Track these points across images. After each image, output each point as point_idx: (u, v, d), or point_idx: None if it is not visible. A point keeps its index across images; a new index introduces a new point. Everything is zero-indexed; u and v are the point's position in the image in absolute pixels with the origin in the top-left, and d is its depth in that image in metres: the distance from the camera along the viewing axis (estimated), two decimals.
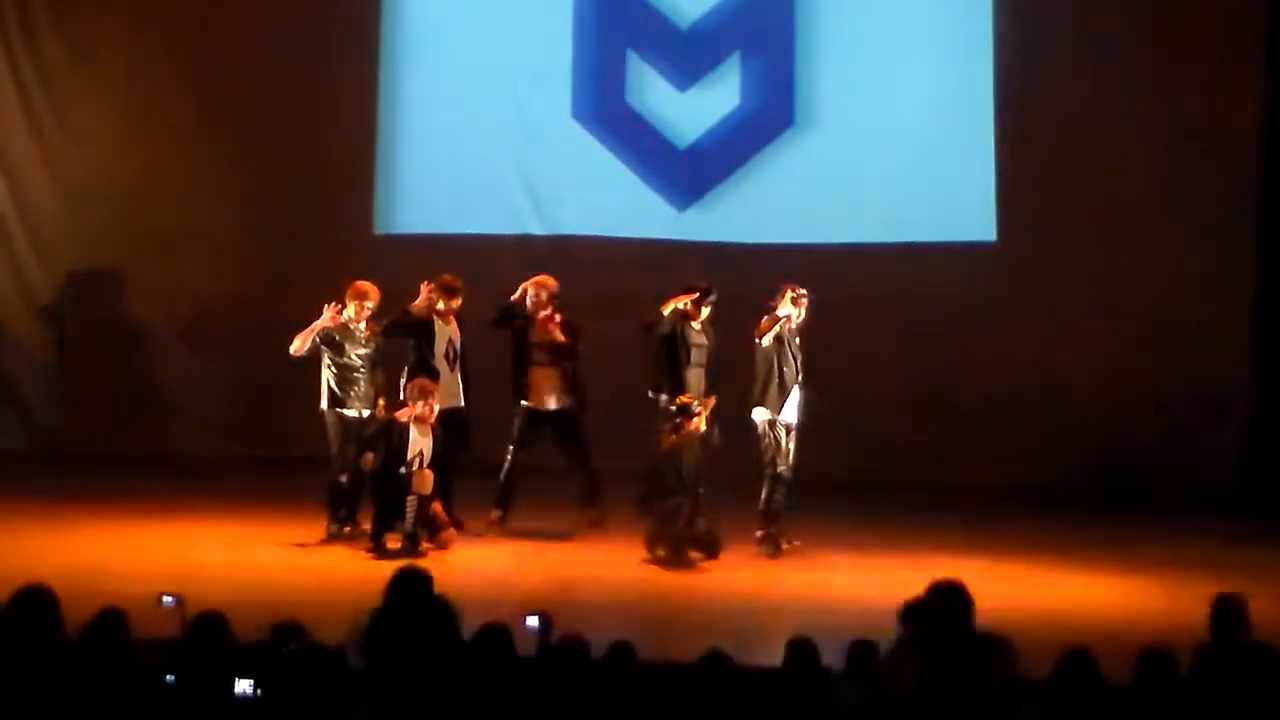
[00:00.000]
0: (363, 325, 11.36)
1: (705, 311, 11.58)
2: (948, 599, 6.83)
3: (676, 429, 11.09)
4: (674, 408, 11.15)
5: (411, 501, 10.80)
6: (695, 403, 11.15)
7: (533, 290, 11.67)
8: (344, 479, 11.28)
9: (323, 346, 11.31)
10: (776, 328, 11.05)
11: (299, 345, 11.30)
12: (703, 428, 11.12)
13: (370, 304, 11.38)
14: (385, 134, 14.59)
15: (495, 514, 11.70)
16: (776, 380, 11.11)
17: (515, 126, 14.48)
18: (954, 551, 11.16)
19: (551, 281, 11.69)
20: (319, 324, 11.27)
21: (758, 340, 11.09)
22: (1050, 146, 14.09)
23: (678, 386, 11.36)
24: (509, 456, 11.69)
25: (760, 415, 11.16)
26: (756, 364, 11.16)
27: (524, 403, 11.66)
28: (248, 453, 13.77)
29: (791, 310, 11.13)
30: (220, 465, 13.72)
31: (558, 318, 11.58)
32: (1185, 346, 13.94)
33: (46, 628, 6.09)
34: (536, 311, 11.61)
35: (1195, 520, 12.69)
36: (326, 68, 14.49)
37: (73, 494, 12.50)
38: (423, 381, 11.16)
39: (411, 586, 6.78)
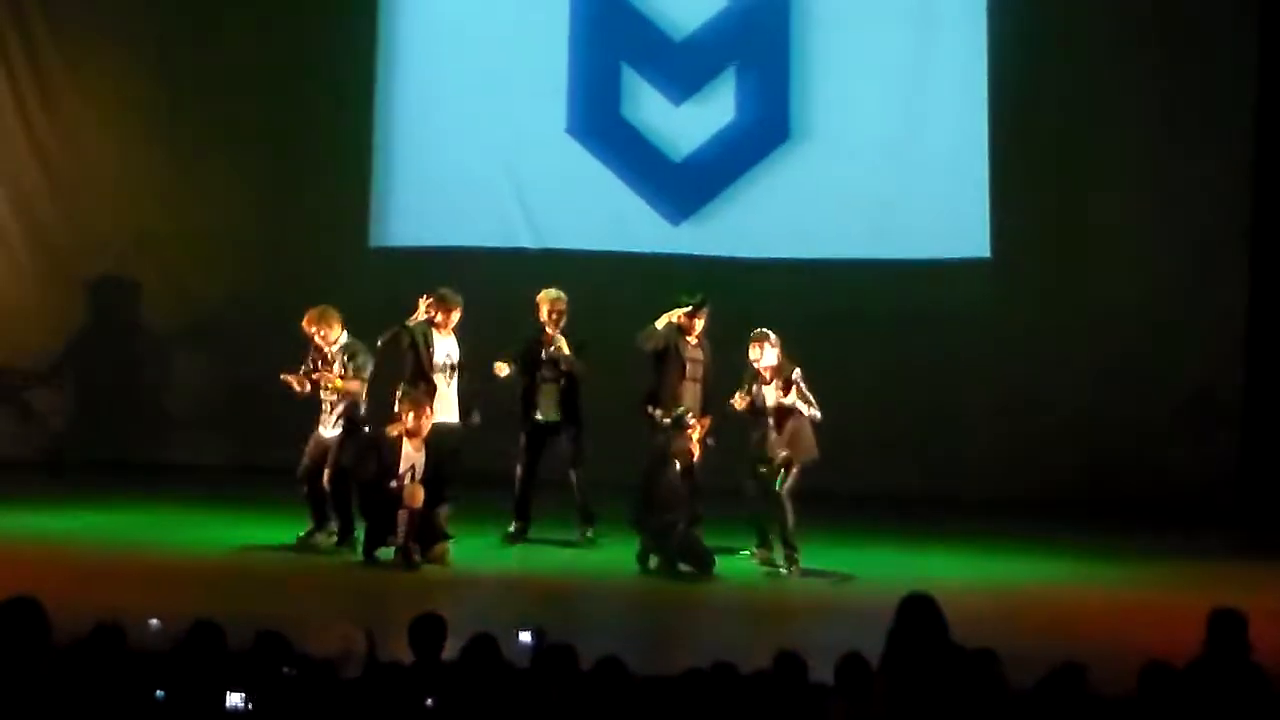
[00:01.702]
0: (335, 348, 11.32)
1: (700, 324, 11.59)
2: (916, 613, 6.82)
3: (670, 441, 11.09)
4: (668, 420, 11.16)
5: (403, 515, 10.79)
6: (689, 414, 11.15)
7: (547, 306, 11.68)
8: (305, 488, 11.30)
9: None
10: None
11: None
12: (696, 439, 11.11)
13: (328, 329, 11.32)
14: (381, 148, 14.58)
15: (515, 526, 11.74)
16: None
17: (510, 140, 14.47)
18: (948, 563, 11.18)
19: (563, 297, 11.71)
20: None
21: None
22: (1044, 162, 14.09)
23: (673, 402, 11.38)
24: (519, 470, 11.72)
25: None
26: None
27: (529, 417, 11.68)
28: (243, 461, 13.75)
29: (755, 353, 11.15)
30: (216, 473, 13.70)
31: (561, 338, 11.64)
32: (1179, 358, 13.93)
33: (33, 640, 6.06)
34: (551, 327, 11.63)
35: (1189, 531, 12.69)
36: (322, 81, 14.49)
37: (69, 501, 12.52)
38: (416, 395, 11.17)
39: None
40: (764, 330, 11.22)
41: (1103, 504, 13.49)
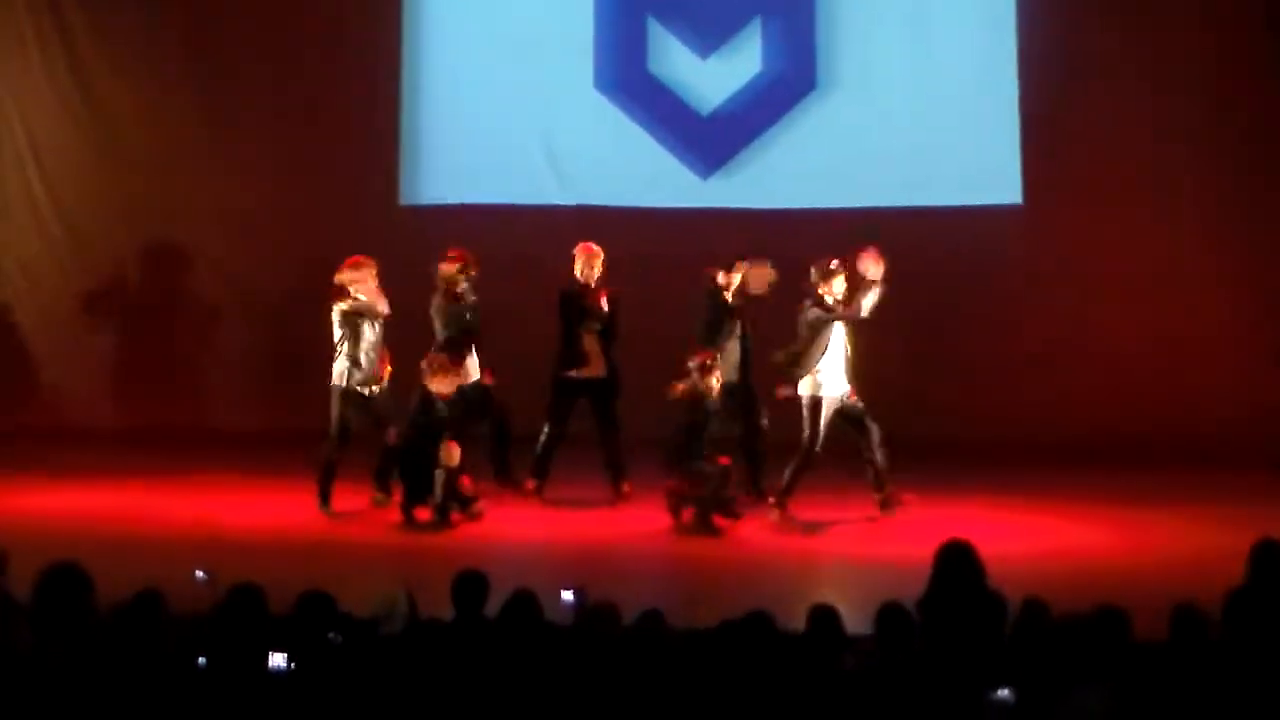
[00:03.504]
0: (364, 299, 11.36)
1: (736, 281, 11.63)
2: (953, 560, 6.85)
3: (692, 379, 11.07)
4: (691, 364, 11.13)
5: (439, 475, 10.87)
6: (710, 360, 11.14)
7: (585, 258, 11.70)
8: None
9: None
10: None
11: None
12: (716, 385, 11.08)
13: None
14: (409, 105, 14.59)
15: (531, 483, 11.77)
16: (820, 356, 11.12)
17: (538, 96, 14.45)
18: (987, 511, 11.19)
19: (600, 251, 11.73)
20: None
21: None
22: (1075, 107, 14.01)
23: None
24: (547, 426, 11.74)
25: (803, 389, 11.17)
26: (802, 337, 11.19)
27: (569, 373, 11.71)
28: (279, 426, 13.80)
29: (832, 284, 11.16)
30: (251, 438, 13.75)
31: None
32: (1215, 304, 13.88)
33: (78, 605, 6.12)
34: (592, 280, 11.64)
35: (1231, 476, 12.62)
36: (349, 40, 14.49)
37: (105, 469, 12.58)
38: (440, 358, 11.23)
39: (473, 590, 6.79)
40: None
41: (1138, 451, 13.44)
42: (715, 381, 11.14)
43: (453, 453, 10.90)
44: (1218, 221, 13.90)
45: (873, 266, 11.19)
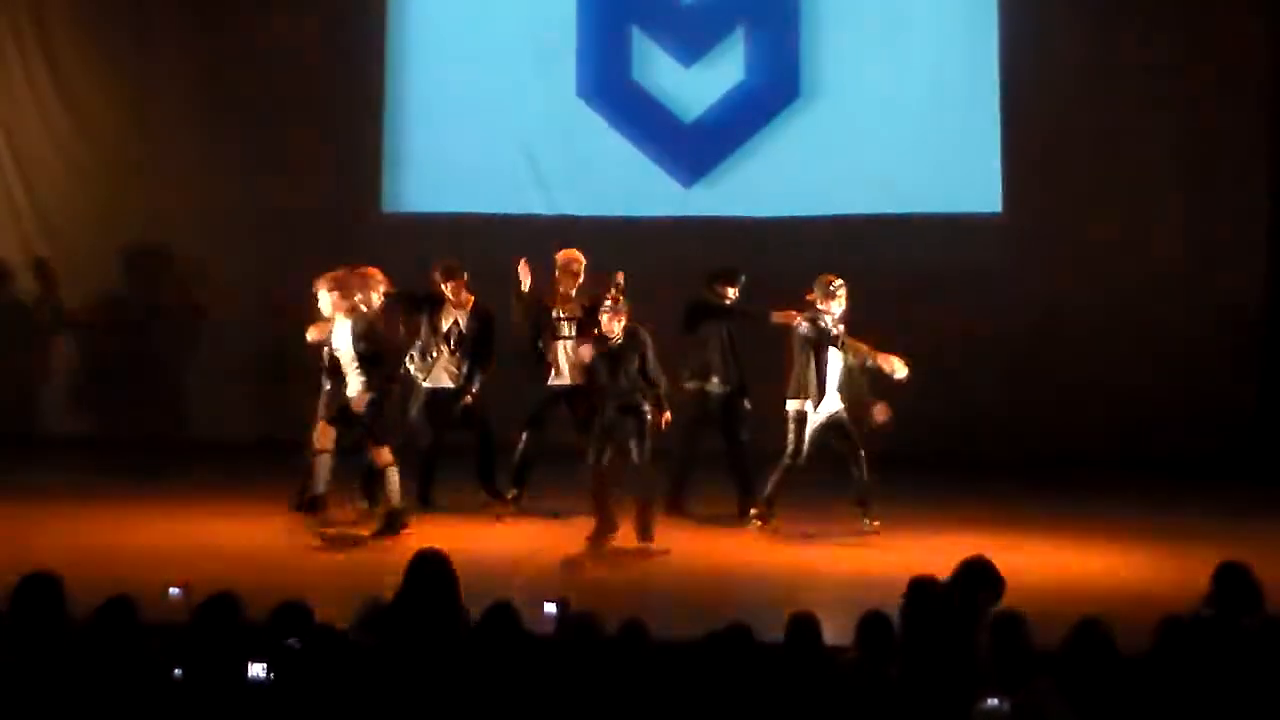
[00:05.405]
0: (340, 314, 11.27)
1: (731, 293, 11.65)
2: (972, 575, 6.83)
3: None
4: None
5: (391, 473, 10.80)
6: (617, 299, 10.90)
7: (568, 265, 11.62)
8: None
9: None
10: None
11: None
12: (616, 331, 10.81)
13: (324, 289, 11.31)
14: (392, 113, 14.57)
15: (511, 493, 11.72)
16: (814, 373, 11.04)
17: (521, 105, 14.46)
18: (966, 523, 11.16)
19: (581, 259, 11.68)
20: None
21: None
22: (1056, 117, 14.05)
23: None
24: (525, 435, 11.69)
25: (792, 406, 11.10)
26: (795, 353, 11.12)
27: (549, 380, 11.65)
28: (259, 435, 13.76)
29: (831, 304, 11.07)
30: (231, 448, 13.70)
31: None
32: (1195, 314, 13.90)
33: (51, 615, 6.08)
34: (572, 287, 11.58)
35: (1209, 487, 12.66)
36: (333, 47, 14.48)
37: (81, 479, 12.53)
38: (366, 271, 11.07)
39: (431, 569, 6.74)
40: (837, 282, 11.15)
41: (1121, 459, 13.47)
42: (616, 326, 10.72)
43: (384, 454, 10.85)
44: (1199, 232, 13.94)
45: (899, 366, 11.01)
